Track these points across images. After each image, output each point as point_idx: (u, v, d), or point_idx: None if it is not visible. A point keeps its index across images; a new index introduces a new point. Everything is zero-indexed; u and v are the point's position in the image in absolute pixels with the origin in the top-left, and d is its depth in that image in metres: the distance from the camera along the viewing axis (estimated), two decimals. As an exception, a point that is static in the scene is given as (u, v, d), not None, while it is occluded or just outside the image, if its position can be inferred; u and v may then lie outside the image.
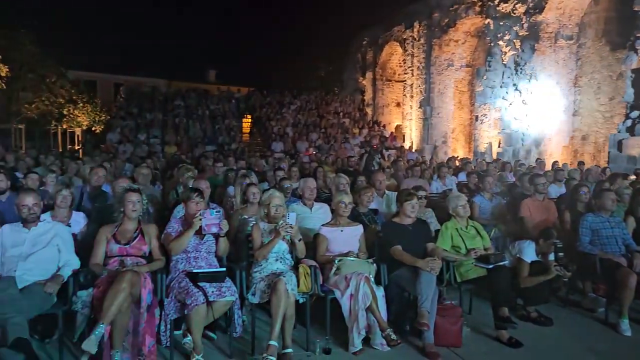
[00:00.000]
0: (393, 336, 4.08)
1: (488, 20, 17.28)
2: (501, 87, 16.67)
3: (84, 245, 4.37)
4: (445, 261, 4.75)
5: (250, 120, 24.47)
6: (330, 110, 25.87)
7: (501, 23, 16.61)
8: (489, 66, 17.15)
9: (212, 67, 37.14)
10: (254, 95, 27.09)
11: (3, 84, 13.16)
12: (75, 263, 4.06)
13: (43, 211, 4.33)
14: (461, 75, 21.26)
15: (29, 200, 3.98)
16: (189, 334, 4.03)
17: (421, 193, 5.66)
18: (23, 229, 4.01)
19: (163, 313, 3.98)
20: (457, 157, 16.37)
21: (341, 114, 25.60)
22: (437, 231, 5.22)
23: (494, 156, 16.30)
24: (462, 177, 10.64)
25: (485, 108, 17.45)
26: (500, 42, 16.65)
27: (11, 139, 19.98)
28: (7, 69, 13.16)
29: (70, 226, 4.63)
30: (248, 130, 23.97)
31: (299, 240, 4.45)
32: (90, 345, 3.42)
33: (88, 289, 3.87)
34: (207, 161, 10.10)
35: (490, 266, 4.66)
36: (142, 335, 3.70)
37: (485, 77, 17.30)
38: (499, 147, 16.78)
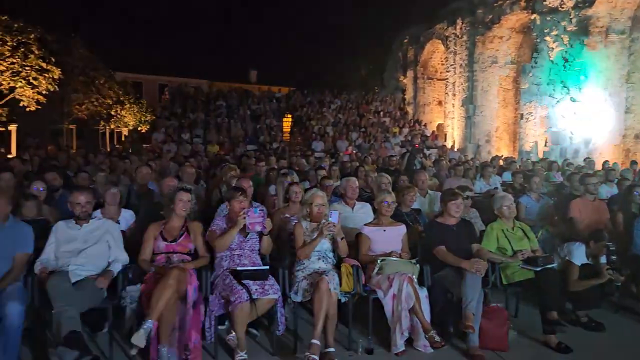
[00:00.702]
0: (437, 338, 4.02)
1: (534, 15, 16.76)
2: (548, 84, 16.15)
3: (131, 242, 4.49)
4: (490, 263, 4.64)
5: (290, 119, 24.64)
6: (371, 109, 25.75)
7: (548, 18, 16.07)
8: (535, 63, 16.64)
9: (253, 67, 37.65)
10: (294, 95, 27.26)
11: (56, 86, 13.66)
12: (124, 259, 4.19)
13: (93, 209, 4.48)
14: (505, 73, 20.73)
15: (82, 198, 4.13)
16: (232, 331, 4.11)
17: (467, 193, 5.55)
18: (76, 225, 4.16)
19: (208, 309, 4.05)
20: (501, 156, 15.97)
21: (381, 113, 25.44)
22: (482, 232, 5.11)
23: (540, 155, 15.82)
24: (507, 176, 10.41)
25: (531, 106, 16.95)
26: (547, 38, 16.12)
27: (63, 138, 20.83)
28: (60, 72, 13.67)
29: (119, 223, 4.78)
30: (288, 130, 24.15)
31: (341, 239, 4.44)
32: (139, 339, 3.52)
33: (136, 284, 3.99)
34: (249, 160, 10.22)
35: (538, 269, 4.51)
36: (188, 330, 3.77)
37: (530, 74, 16.80)
38: (545, 146, 16.27)
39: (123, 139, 26.07)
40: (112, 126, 23.61)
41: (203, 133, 20.76)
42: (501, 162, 13.39)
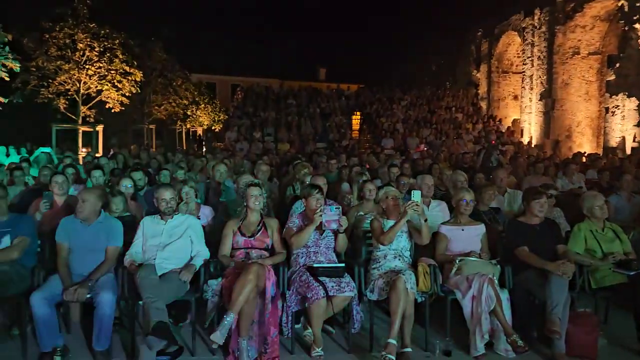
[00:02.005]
0: (520, 342, 3.84)
1: (622, 2, 15.68)
2: (637, 75, 15.07)
3: (210, 237, 4.65)
4: (578, 265, 4.37)
5: (359, 117, 24.57)
6: (442, 105, 25.13)
7: (638, 4, 14.98)
8: (623, 53, 15.58)
9: (322, 65, 37.88)
10: (363, 92, 27.14)
11: (138, 89, 14.43)
12: (205, 253, 4.34)
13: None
14: (588, 64, 19.54)
15: (167, 194, 4.31)
16: (309, 327, 4.14)
17: (551, 191, 5.28)
18: (160, 220, 4.35)
19: (285, 305, 4.11)
20: (584, 152, 15.09)
21: (453, 108, 24.75)
22: (567, 232, 4.85)
23: (628, 151, 14.80)
24: (591, 174, 9.84)
25: (617, 99, 15.89)
26: (637, 25, 15.03)
27: (143, 137, 21.98)
28: (142, 75, 14.42)
29: (199, 219, 4.95)
30: (357, 127, 24.08)
31: (425, 221, 4.34)
32: (218, 336, 3.63)
33: (217, 278, 4.11)
34: (320, 158, 10.28)
35: (632, 273, 4.20)
36: (267, 325, 3.85)
37: (617, 65, 15.74)
38: (634, 141, 15.19)
39: (198, 137, 27.10)
40: (188, 126, 24.59)
41: (274, 131, 21.18)
42: (584, 159, 12.68)
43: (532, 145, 19.95)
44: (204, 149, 21.40)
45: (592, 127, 19.86)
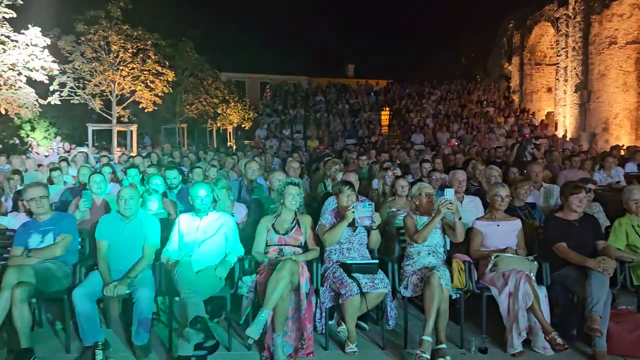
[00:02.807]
0: (559, 340, 3.76)
1: (661, -12, 15.13)
2: (679, 64, 14.51)
3: (244, 234, 4.70)
4: (619, 261, 4.25)
5: (388, 112, 24.41)
6: (473, 99, 24.74)
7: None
8: (663, 41, 15.02)
9: (350, 61, 37.75)
10: (392, 88, 26.95)
11: (170, 88, 14.66)
12: (240, 250, 4.40)
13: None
14: (626, 54, 18.86)
15: (202, 192, 4.39)
16: (342, 323, 4.15)
17: (589, 186, 5.14)
18: (196, 217, 4.43)
19: (318, 301, 4.13)
20: (622, 145, 14.63)
21: (484, 102, 24.34)
22: (607, 228, 4.71)
23: (670, 144, 14.27)
24: (630, 167, 9.54)
25: (657, 89, 15.33)
26: (678, 13, 14.48)
27: (175, 136, 22.32)
28: (173, 74, 14.65)
29: (233, 216, 5.01)
30: (386, 123, 23.93)
31: (459, 219, 4.30)
32: (254, 331, 3.68)
33: (252, 274, 4.16)
34: (351, 155, 10.27)
35: (677, 269, 4.07)
36: (302, 320, 3.88)
37: (657, 54, 15.19)
38: (675, 132, 14.65)
39: (227, 136, 27.36)
40: (219, 124, 24.86)
41: (303, 128, 21.25)
42: (622, 152, 12.29)
43: (567, 139, 19.46)
44: (234, 147, 21.62)
45: (630, 118, 19.21)
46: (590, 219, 4.52)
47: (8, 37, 8.43)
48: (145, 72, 13.64)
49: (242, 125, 27.07)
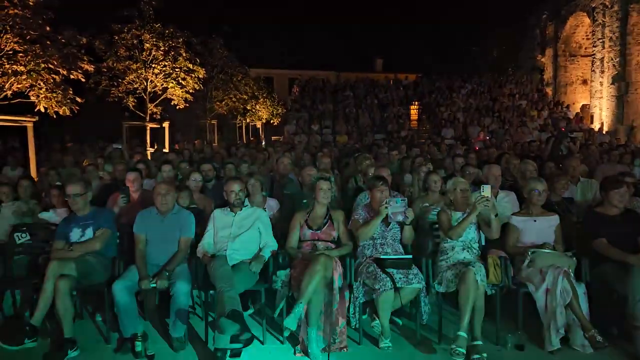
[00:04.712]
0: (599, 338, 3.68)
1: None
2: None
3: (277, 229, 4.73)
4: (662, 258, 4.12)
5: (417, 107, 24.17)
6: (505, 92, 24.31)
7: None
8: None
9: (378, 56, 37.47)
10: (422, 82, 26.68)
11: (201, 85, 14.81)
12: (273, 245, 4.43)
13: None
14: (666, 44, 18.26)
15: (236, 186, 4.44)
16: (376, 318, 4.15)
17: (628, 179, 4.99)
18: (230, 212, 4.48)
19: (352, 296, 4.14)
20: (663, 138, 14.15)
21: (517, 95, 23.87)
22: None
23: None
24: (672, 161, 9.21)
25: (700, 80, 14.76)
26: None
27: (206, 132, 22.59)
28: (204, 71, 14.79)
29: (266, 211, 5.05)
30: (416, 117, 23.71)
31: (496, 216, 4.23)
32: (291, 322, 3.71)
33: (286, 269, 4.19)
34: (381, 149, 10.21)
35: None
36: (335, 315, 3.89)
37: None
38: None
39: (257, 131, 27.55)
40: (248, 120, 25.03)
41: (332, 123, 21.24)
42: (663, 145, 11.87)
43: (604, 132, 18.91)
44: (263, 143, 21.75)
45: (670, 111, 18.59)
46: (632, 214, 4.39)
47: (47, 37, 8.67)
48: (177, 70, 13.82)
49: (271, 121, 27.21)
